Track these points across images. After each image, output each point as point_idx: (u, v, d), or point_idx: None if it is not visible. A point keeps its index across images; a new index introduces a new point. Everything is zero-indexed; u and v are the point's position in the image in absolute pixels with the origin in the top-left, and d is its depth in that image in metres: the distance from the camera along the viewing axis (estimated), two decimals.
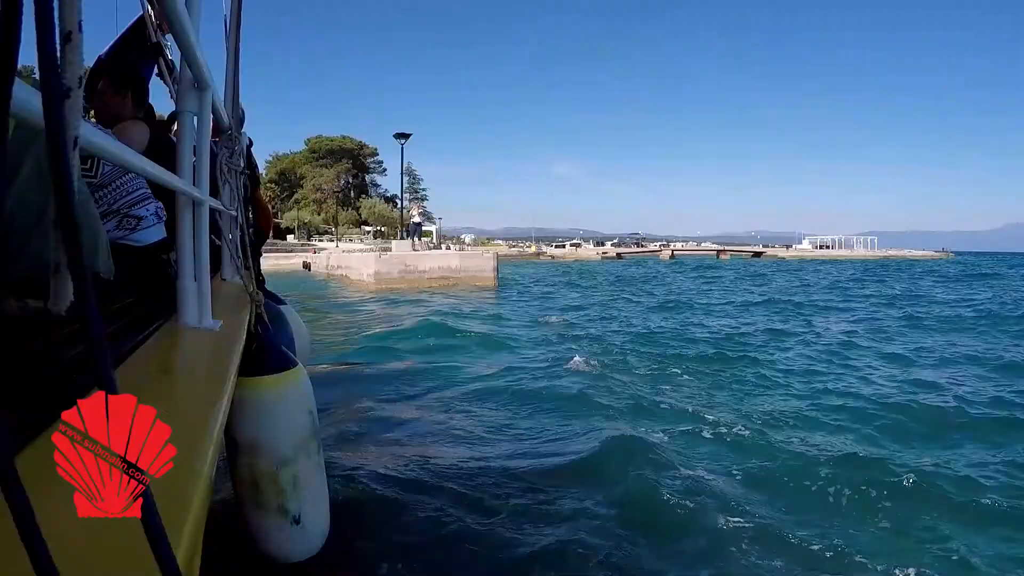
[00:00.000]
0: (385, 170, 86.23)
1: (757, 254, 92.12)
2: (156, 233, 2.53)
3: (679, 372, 8.95)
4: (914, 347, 11.42)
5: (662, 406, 7.02)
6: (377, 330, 13.05)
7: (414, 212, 33.27)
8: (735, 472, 5.10)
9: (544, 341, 11.89)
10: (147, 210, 2.50)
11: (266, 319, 2.34)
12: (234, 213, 2.57)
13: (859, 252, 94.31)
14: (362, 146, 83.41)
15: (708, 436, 5.95)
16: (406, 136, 31.33)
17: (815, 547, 3.84)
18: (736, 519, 4.16)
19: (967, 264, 64.49)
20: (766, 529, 4.07)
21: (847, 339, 12.24)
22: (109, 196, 2.42)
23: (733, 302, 20.70)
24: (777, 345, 11.62)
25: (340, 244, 50.48)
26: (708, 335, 12.78)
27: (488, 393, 7.55)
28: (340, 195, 78.28)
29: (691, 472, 4.96)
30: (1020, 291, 25.38)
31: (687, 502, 4.38)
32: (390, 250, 27.80)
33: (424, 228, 43.69)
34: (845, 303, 20.48)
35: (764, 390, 8.04)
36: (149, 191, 2.52)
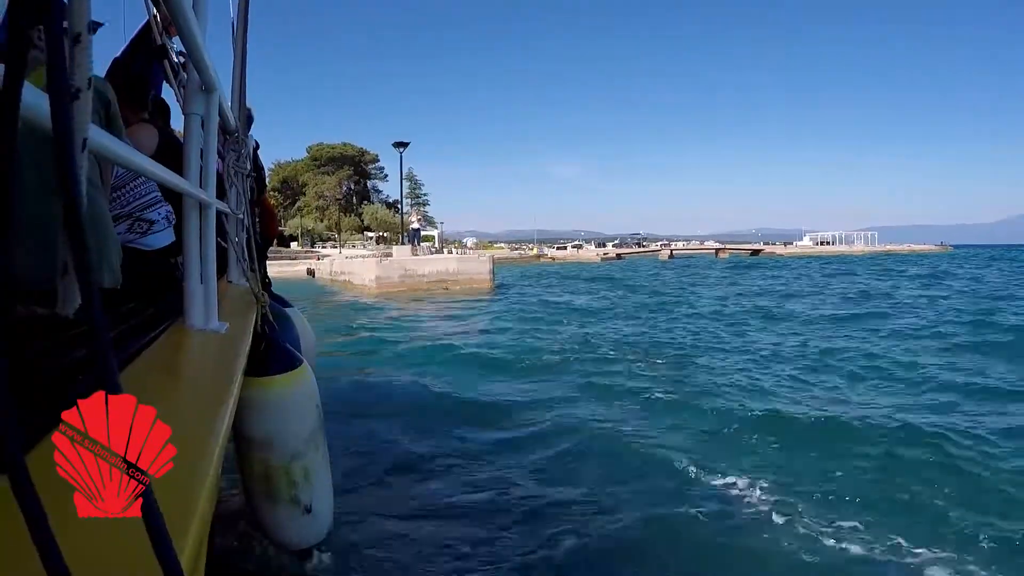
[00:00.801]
0: (386, 176, 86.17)
1: (755, 252, 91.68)
2: (166, 237, 2.53)
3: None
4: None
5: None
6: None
7: (413, 219, 34.65)
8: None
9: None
10: (158, 214, 2.50)
11: (272, 320, 2.34)
12: (240, 215, 2.56)
13: (857, 248, 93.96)
14: (363, 153, 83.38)
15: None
16: (404, 145, 32.71)
17: None
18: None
19: (961, 257, 64.17)
20: None
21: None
22: (122, 199, 2.43)
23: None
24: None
25: (343, 250, 50.70)
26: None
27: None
28: (342, 202, 78.39)
29: None
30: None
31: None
32: (391, 256, 28.39)
33: (426, 232, 44.69)
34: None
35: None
36: (160, 194, 2.52)
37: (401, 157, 33.74)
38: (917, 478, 4.85)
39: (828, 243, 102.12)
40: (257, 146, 4.00)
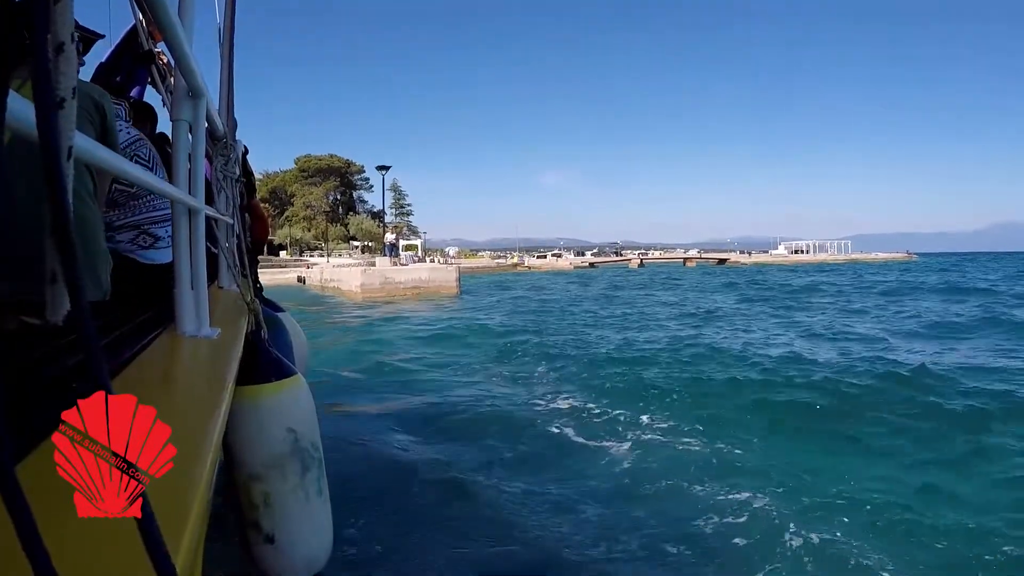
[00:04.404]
0: (372, 186, 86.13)
1: (721, 261, 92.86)
2: (167, 255, 2.41)
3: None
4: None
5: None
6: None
7: (390, 235, 39.14)
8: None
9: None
10: (166, 231, 2.40)
11: (264, 327, 2.26)
12: (230, 221, 2.50)
13: (820, 256, 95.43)
14: (349, 164, 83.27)
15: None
16: (386, 168, 36.15)
17: None
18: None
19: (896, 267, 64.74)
20: None
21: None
22: (134, 210, 2.36)
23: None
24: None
25: (331, 259, 51.29)
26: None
27: None
28: (329, 212, 78.20)
29: None
30: None
31: None
32: (375, 265, 32.31)
33: (410, 242, 46.59)
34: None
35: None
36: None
37: (383, 179, 36.93)
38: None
39: (802, 252, 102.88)
40: (246, 151, 3.91)
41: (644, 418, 6.63)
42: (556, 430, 6.27)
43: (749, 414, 6.87)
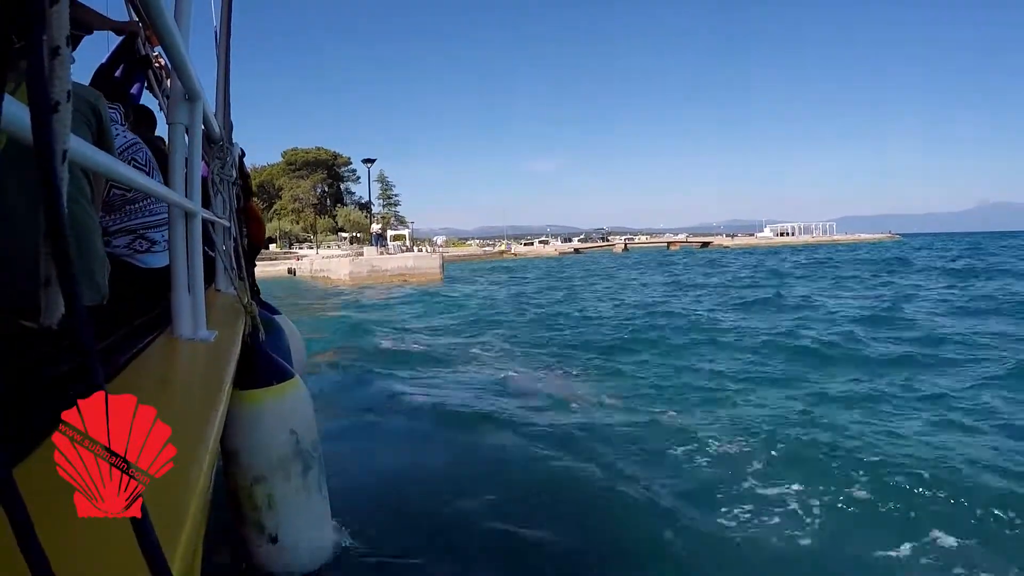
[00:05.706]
0: (359, 178, 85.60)
1: (705, 244, 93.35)
2: (164, 259, 2.38)
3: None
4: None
5: None
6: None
7: (376, 226, 40.80)
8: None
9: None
10: (163, 236, 2.36)
11: (260, 329, 2.23)
12: (227, 224, 2.47)
13: (804, 238, 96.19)
14: (336, 156, 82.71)
15: None
16: (372, 161, 37.36)
17: None
18: None
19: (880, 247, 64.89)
20: None
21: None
22: (131, 214, 2.31)
23: None
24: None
25: (320, 250, 51.37)
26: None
27: None
28: (317, 205, 77.75)
29: None
30: None
31: None
32: (362, 255, 33.76)
33: (398, 232, 46.73)
34: None
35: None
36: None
37: (369, 172, 38.06)
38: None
39: (787, 234, 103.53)
40: (243, 154, 3.84)
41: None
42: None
43: None
